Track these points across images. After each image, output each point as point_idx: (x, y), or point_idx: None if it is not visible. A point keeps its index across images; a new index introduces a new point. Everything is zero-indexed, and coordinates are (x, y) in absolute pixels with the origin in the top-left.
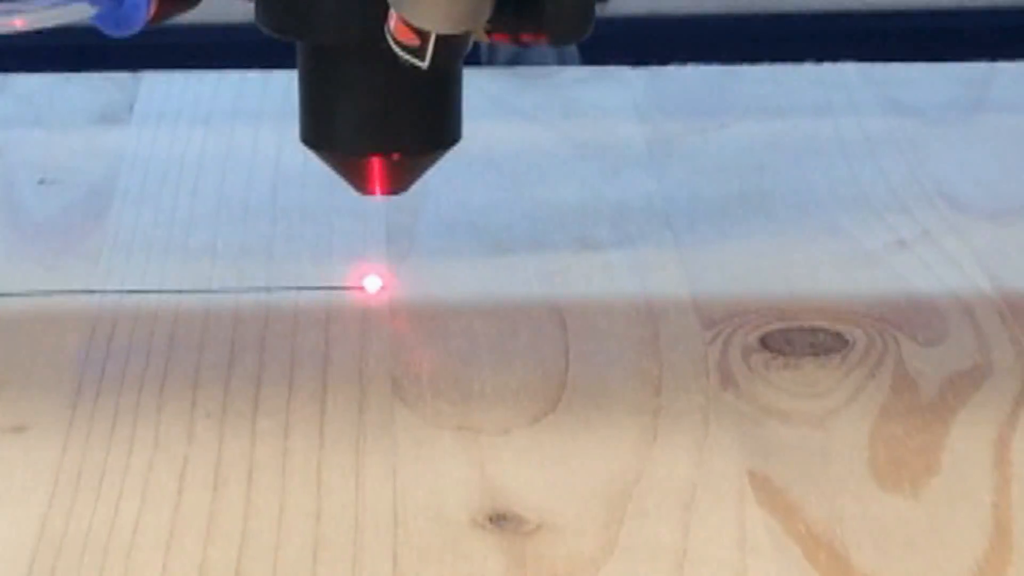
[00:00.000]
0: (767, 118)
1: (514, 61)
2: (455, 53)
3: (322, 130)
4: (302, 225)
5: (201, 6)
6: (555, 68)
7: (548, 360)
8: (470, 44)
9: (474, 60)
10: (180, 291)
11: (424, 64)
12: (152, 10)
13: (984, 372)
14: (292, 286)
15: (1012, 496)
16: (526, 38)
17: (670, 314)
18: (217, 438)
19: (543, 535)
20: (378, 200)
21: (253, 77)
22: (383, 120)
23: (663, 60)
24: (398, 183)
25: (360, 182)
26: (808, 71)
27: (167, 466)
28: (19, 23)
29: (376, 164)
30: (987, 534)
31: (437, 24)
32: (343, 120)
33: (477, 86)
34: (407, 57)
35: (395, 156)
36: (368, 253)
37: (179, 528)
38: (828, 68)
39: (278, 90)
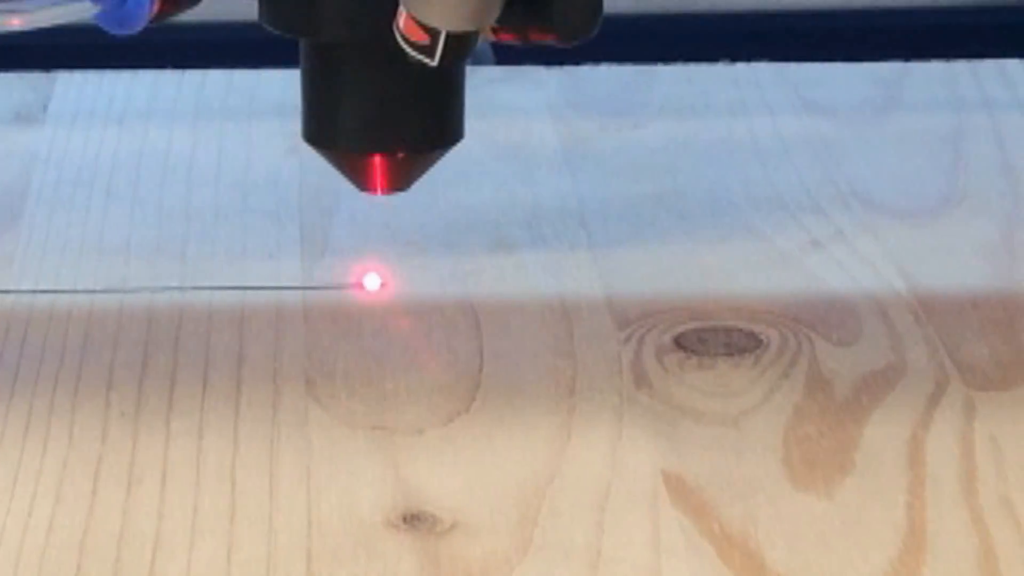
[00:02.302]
0: (681, 118)
1: None
2: (464, 51)
3: (325, 128)
4: (216, 225)
5: None
6: (469, 68)
7: (462, 360)
8: (478, 42)
9: None
10: (94, 291)
11: (433, 62)
12: (155, 9)
13: (898, 372)
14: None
15: (926, 496)
16: (534, 36)
17: (584, 314)
18: (131, 437)
19: (457, 535)
20: (292, 201)
21: (167, 77)
22: (386, 118)
23: (577, 60)
24: (400, 181)
25: (362, 180)
26: (722, 71)
27: (81, 466)
28: (17, 22)
29: (378, 162)
30: (901, 534)
31: (447, 22)
32: (346, 118)
33: None
34: (416, 55)
35: (398, 154)
36: (282, 254)
37: (93, 528)
38: (742, 68)
39: (191, 90)
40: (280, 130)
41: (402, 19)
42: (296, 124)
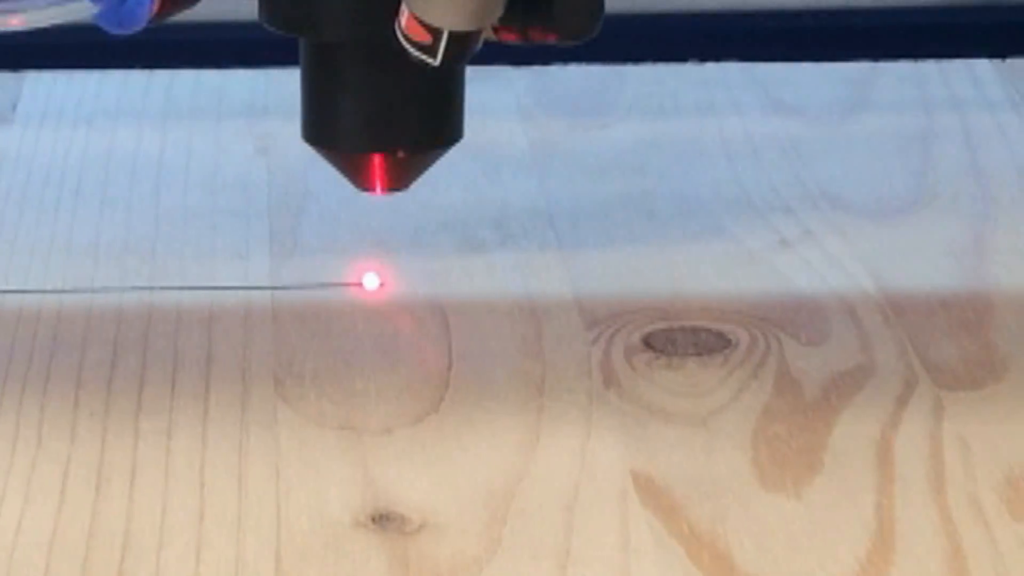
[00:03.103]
0: (650, 118)
1: None
2: (465, 51)
3: (324, 127)
4: (184, 225)
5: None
6: None
7: (431, 360)
8: (480, 42)
9: None
10: (63, 291)
11: (436, 61)
12: (154, 8)
13: (866, 372)
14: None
15: (894, 495)
16: (535, 35)
17: (553, 314)
18: (100, 437)
19: (426, 535)
20: (260, 201)
21: (135, 77)
22: (386, 117)
23: (545, 60)
24: (399, 180)
25: (362, 179)
26: (691, 71)
27: (50, 465)
28: (15, 22)
29: (378, 161)
30: (869, 533)
31: (450, 21)
32: (345, 117)
33: None
34: (418, 54)
35: (398, 154)
36: (251, 254)
37: (62, 527)
38: (711, 68)
39: (160, 90)
40: (249, 130)
41: (404, 18)
42: (264, 124)
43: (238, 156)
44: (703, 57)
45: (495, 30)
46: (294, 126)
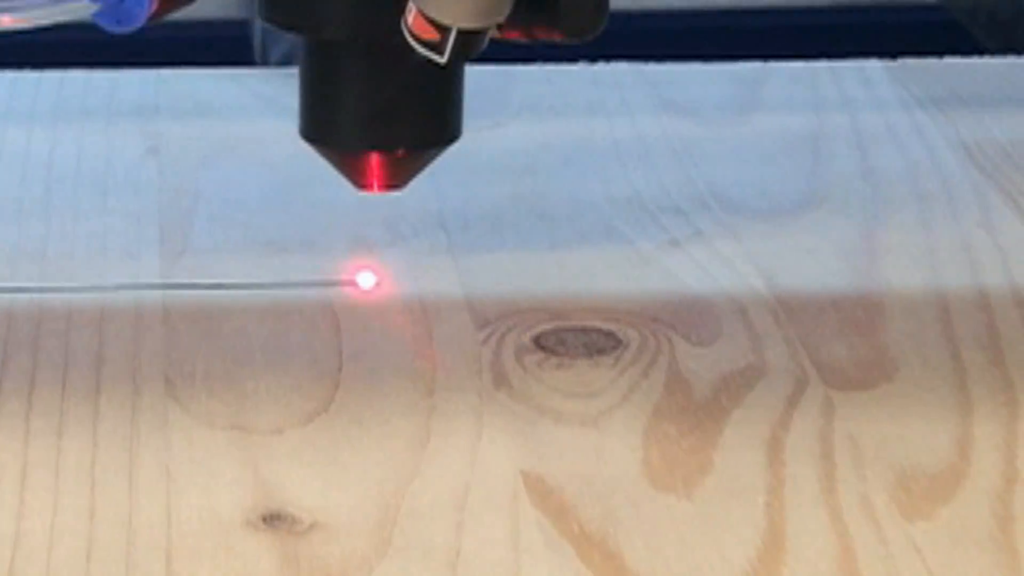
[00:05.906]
0: (541, 119)
1: (287, 62)
2: (472, 49)
3: (322, 125)
4: (75, 225)
5: None
6: None
7: (321, 360)
8: (487, 39)
9: (247, 60)
10: None
11: (443, 60)
12: (153, 7)
13: (757, 372)
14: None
15: (785, 496)
16: (539, 33)
17: (443, 314)
18: None
19: (316, 535)
20: (151, 201)
21: (25, 77)
22: (385, 116)
23: None
24: (397, 179)
25: (359, 178)
26: (581, 71)
27: None
28: (7, 20)
29: (375, 160)
30: (760, 534)
31: (459, 19)
32: (345, 116)
33: (250, 86)
34: (425, 52)
35: (397, 152)
36: (142, 253)
37: None
38: (601, 68)
39: (50, 90)
40: (139, 130)
41: (412, 16)
42: (155, 125)
43: (128, 156)
44: (593, 57)
45: (499, 28)
46: (184, 126)
